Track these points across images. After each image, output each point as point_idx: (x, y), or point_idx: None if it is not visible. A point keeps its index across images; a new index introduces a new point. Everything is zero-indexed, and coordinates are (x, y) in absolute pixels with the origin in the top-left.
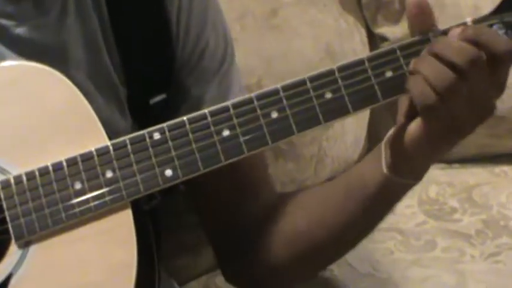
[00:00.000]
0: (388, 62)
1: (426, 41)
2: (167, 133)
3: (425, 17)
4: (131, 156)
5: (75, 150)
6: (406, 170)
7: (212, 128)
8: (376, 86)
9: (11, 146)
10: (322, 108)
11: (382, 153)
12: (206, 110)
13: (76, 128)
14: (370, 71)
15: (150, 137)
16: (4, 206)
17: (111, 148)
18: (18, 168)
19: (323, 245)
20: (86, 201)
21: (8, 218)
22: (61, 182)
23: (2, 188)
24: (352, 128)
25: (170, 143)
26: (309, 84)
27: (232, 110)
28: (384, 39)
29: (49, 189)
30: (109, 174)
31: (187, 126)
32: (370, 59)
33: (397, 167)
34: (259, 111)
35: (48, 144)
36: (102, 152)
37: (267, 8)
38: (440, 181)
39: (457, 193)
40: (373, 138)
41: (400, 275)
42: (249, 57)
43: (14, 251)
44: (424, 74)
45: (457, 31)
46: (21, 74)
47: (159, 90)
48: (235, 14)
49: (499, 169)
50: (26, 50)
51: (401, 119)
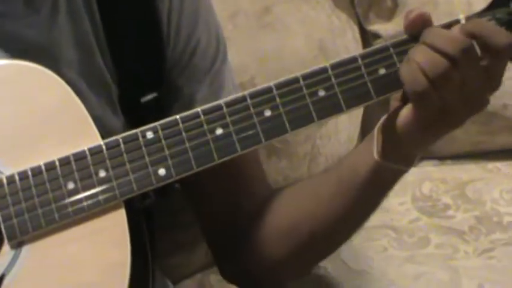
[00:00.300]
0: (381, 59)
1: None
2: (160, 132)
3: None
4: (124, 155)
5: (68, 150)
6: (396, 156)
7: (205, 127)
8: (369, 84)
9: (3, 146)
10: (316, 106)
11: (374, 139)
12: (199, 109)
13: (69, 127)
14: (363, 68)
15: (143, 136)
16: None
17: (104, 147)
18: (10, 168)
19: (318, 237)
20: (79, 200)
21: (1, 219)
22: (54, 181)
23: None
24: (345, 126)
25: (163, 142)
26: (302, 82)
27: (225, 108)
28: (377, 36)
29: (42, 189)
30: (102, 174)
31: (180, 125)
32: (363, 57)
33: (388, 153)
34: (253, 110)
35: (40, 143)
36: (95, 152)
37: (260, 6)
38: (433, 178)
39: (450, 189)
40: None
41: (393, 272)
42: (241, 56)
43: (6, 252)
44: (416, 61)
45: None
46: (13, 73)
47: (151, 89)
48: (227, 12)
49: (492, 165)
50: (16, 48)
51: (394, 104)
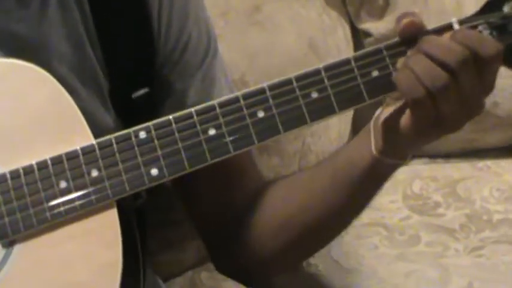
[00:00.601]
0: (374, 61)
1: (412, 41)
2: (153, 132)
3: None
4: (117, 155)
5: (60, 148)
6: (394, 152)
7: (198, 127)
8: (362, 86)
9: None
10: (309, 107)
11: (372, 135)
12: (192, 109)
13: (60, 126)
14: (356, 70)
15: (136, 135)
16: None
17: (97, 147)
18: (2, 167)
19: (310, 230)
20: (71, 200)
21: None
22: (46, 180)
23: None
24: (336, 124)
25: (156, 142)
26: (295, 83)
27: (218, 109)
28: (368, 35)
29: (34, 188)
30: (94, 173)
31: (173, 125)
32: (356, 59)
33: (386, 149)
34: (246, 111)
35: (32, 142)
36: (88, 151)
37: (250, 4)
38: (424, 176)
39: (440, 188)
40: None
41: (384, 270)
42: (232, 53)
43: None
44: (414, 70)
45: (446, 35)
46: (3, 72)
47: (142, 84)
48: (218, 10)
49: (483, 163)
50: (6, 43)
51: (391, 102)
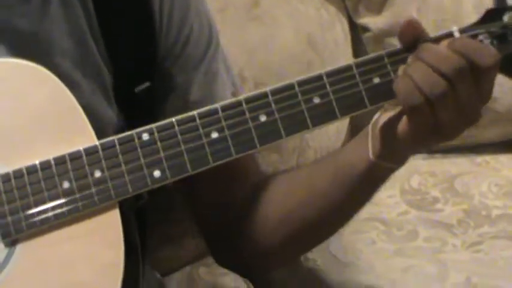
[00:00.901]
0: (375, 68)
1: (414, 48)
2: (156, 134)
3: (416, 33)
4: (120, 156)
5: (62, 148)
6: (391, 157)
7: (201, 130)
8: (363, 92)
9: None
10: (310, 112)
11: (369, 139)
12: (195, 112)
13: (62, 125)
14: (357, 76)
15: (139, 137)
16: None
17: (100, 148)
18: (5, 166)
19: (312, 226)
20: (74, 200)
21: None
22: (49, 180)
23: None
24: None
25: (159, 144)
26: (297, 88)
27: (221, 113)
28: (366, 30)
29: (37, 188)
30: (97, 174)
31: (176, 127)
32: (358, 65)
33: (383, 154)
34: (248, 115)
35: (35, 142)
36: (91, 152)
37: None
38: (422, 171)
39: (438, 183)
40: (355, 129)
41: (382, 265)
42: (230, 48)
43: (0, 250)
44: (412, 77)
45: (444, 43)
46: (4, 71)
47: (144, 78)
48: (217, 4)
49: (481, 159)
50: (9, 38)
51: (389, 108)
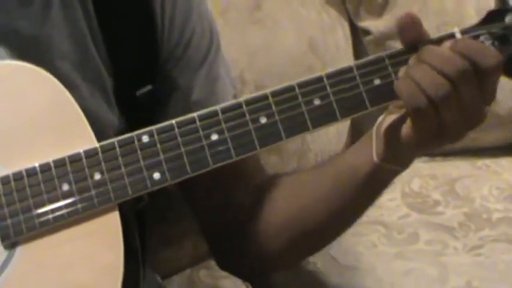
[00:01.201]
0: (376, 70)
1: (414, 50)
2: (156, 136)
3: (415, 29)
4: (119, 158)
5: (62, 151)
6: (395, 159)
7: (201, 132)
8: (364, 94)
9: None
10: (311, 114)
11: (373, 142)
12: (195, 114)
13: (63, 128)
14: (358, 78)
15: (139, 139)
16: None
17: (100, 150)
18: (5, 169)
19: (314, 230)
20: (74, 203)
21: None
22: (49, 183)
23: None
24: None
25: (158, 146)
26: (297, 90)
27: (221, 115)
28: (367, 33)
29: (36, 190)
30: (97, 177)
31: (175, 129)
32: (359, 67)
33: (387, 157)
34: (248, 117)
35: (34, 144)
36: (91, 154)
37: (250, 2)
38: (423, 174)
39: (440, 186)
40: (355, 132)
41: (383, 268)
42: (231, 51)
43: (0, 252)
44: (415, 79)
45: (446, 44)
46: (5, 74)
47: (146, 81)
48: (218, 7)
49: (482, 162)
50: (9, 40)
51: (394, 111)
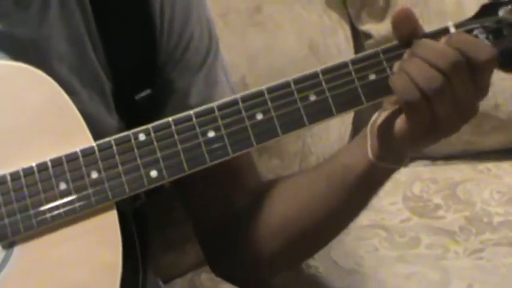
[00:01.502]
0: (371, 65)
1: (409, 45)
2: (152, 134)
3: (411, 25)
4: (116, 157)
5: (59, 150)
6: (390, 156)
7: (197, 129)
8: (359, 89)
9: None
10: (307, 110)
11: (368, 139)
12: (191, 111)
13: (60, 128)
14: (353, 73)
15: (136, 137)
16: None
17: (96, 149)
18: (2, 168)
19: (309, 233)
20: (71, 201)
21: None
22: (46, 182)
23: None
24: (336, 125)
25: (155, 144)
26: (293, 86)
27: (217, 112)
28: (368, 36)
29: (34, 190)
30: (94, 175)
31: (172, 127)
32: (354, 62)
33: (382, 154)
34: (244, 113)
35: (31, 144)
36: (87, 153)
37: (251, 5)
38: (424, 178)
39: (441, 190)
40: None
41: (384, 272)
42: (232, 54)
43: None
44: (409, 73)
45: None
46: (3, 74)
47: (145, 85)
48: (219, 10)
49: (483, 166)
50: (7, 44)
51: (388, 107)
